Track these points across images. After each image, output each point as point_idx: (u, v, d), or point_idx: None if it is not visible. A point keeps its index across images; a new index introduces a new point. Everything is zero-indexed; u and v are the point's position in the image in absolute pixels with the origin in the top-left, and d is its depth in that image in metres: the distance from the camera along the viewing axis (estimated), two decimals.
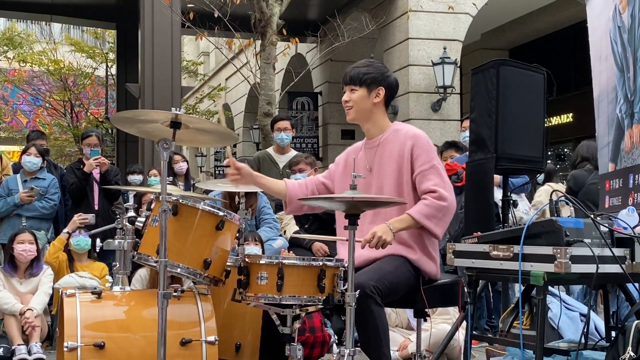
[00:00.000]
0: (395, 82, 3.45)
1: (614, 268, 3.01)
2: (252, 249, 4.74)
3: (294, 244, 5.42)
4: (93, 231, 5.22)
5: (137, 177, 7.92)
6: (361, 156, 3.43)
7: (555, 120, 14.23)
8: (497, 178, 4.73)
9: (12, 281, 5.29)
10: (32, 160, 6.32)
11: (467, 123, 5.97)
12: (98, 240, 3.76)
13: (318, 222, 5.22)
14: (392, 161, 3.32)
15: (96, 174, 6.48)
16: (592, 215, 3.08)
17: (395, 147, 3.32)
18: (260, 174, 3.53)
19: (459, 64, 11.40)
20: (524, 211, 5.61)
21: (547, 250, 2.91)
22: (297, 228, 5.53)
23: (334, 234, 3.65)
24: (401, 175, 3.30)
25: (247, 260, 3.14)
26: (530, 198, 7.03)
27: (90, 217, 5.80)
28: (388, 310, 4.43)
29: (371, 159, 3.38)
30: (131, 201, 3.75)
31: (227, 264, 3.37)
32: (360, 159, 3.41)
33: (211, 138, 3.49)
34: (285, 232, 5.57)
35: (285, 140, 6.40)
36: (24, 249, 5.27)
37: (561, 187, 8.10)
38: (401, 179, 3.30)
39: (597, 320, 4.30)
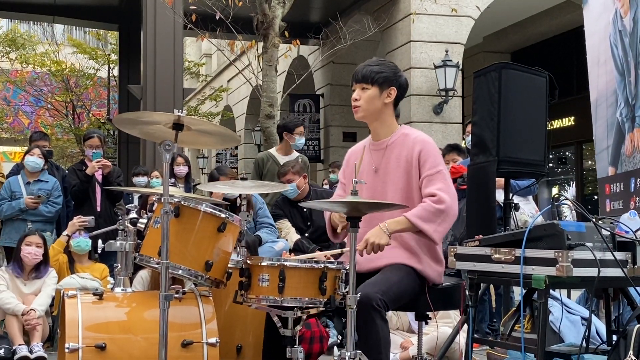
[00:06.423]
0: (406, 83, 3.40)
1: (616, 272, 3.01)
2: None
3: (296, 250, 5.40)
4: (94, 232, 5.22)
5: (142, 179, 7.93)
6: (367, 156, 3.38)
7: (556, 124, 14.22)
8: (502, 180, 4.72)
9: (17, 281, 5.30)
10: (36, 160, 6.29)
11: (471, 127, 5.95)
12: (100, 241, 3.75)
13: (320, 231, 5.20)
14: (400, 166, 3.30)
15: (98, 175, 6.48)
16: (593, 219, 3.08)
17: (404, 151, 3.30)
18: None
19: (461, 67, 11.40)
20: (530, 214, 5.59)
21: (548, 253, 2.91)
22: (298, 236, 5.52)
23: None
24: (410, 180, 3.27)
25: (248, 262, 3.14)
26: (536, 200, 6.99)
27: (89, 220, 5.79)
28: (389, 313, 4.42)
29: (377, 161, 3.36)
30: (136, 202, 3.75)
31: (229, 265, 3.37)
32: (366, 159, 3.37)
33: (213, 140, 3.48)
34: (287, 240, 5.57)
35: (300, 145, 6.44)
36: (30, 252, 5.28)
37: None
38: (410, 184, 3.27)
39: (599, 324, 4.30)
